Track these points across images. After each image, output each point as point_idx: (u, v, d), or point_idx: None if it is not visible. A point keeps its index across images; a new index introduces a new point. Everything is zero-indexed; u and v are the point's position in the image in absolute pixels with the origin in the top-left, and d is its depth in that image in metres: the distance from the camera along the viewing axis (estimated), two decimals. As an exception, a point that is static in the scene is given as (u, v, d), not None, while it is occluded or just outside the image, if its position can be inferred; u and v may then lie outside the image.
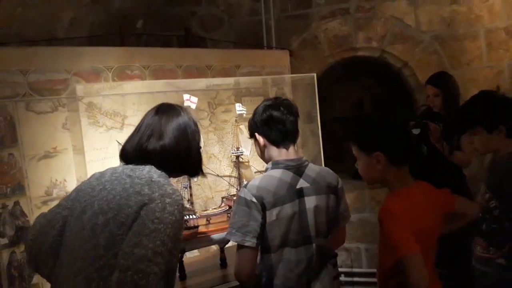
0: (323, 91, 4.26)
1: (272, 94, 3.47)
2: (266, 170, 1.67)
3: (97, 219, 1.20)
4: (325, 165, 4.67)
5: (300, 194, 1.60)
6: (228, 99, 3.15)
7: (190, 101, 2.56)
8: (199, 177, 1.80)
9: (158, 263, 1.12)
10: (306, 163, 1.68)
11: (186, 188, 2.06)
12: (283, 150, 1.66)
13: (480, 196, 1.97)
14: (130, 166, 1.33)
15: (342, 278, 3.49)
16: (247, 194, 1.53)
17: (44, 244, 1.27)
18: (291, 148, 1.67)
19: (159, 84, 2.78)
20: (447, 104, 2.88)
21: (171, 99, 2.68)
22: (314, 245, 1.62)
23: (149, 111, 1.45)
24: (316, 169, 1.69)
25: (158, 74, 2.83)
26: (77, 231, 1.23)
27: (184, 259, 2.10)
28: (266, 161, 1.71)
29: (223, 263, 2.17)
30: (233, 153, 2.36)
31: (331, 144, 4.52)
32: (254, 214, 1.51)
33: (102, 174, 1.36)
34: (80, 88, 2.47)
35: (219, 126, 3.08)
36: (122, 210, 1.20)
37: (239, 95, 3.22)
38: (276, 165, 1.63)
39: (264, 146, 1.67)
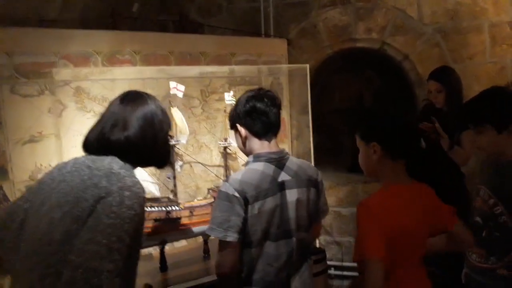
0: (322, 82, 4.19)
1: (267, 84, 3.41)
2: (247, 163, 1.64)
3: (54, 212, 1.15)
4: (321, 158, 4.64)
5: (282, 187, 1.57)
6: (222, 88, 3.09)
7: (177, 89, 2.52)
8: (182, 167, 1.76)
9: (114, 260, 1.07)
10: (287, 156, 1.66)
11: (169, 178, 2.02)
12: (265, 143, 1.63)
13: (480, 201, 1.80)
14: (92, 157, 1.29)
15: (332, 271, 3.46)
16: (229, 189, 1.50)
17: (5, 239, 1.23)
18: (273, 141, 1.65)
19: (151, 71, 2.73)
20: (449, 100, 2.80)
21: (162, 86, 2.67)
22: (294, 239, 1.60)
23: (114, 99, 1.39)
24: (297, 162, 1.68)
25: (149, 60, 2.77)
26: (35, 225, 1.18)
27: (166, 250, 2.07)
28: (246, 154, 1.68)
29: (207, 255, 2.14)
30: (220, 143, 2.31)
31: (329, 137, 4.47)
32: (236, 208, 1.48)
33: (64, 164, 1.30)
34: (67, 72, 2.42)
35: (211, 115, 3.03)
36: (79, 203, 1.15)
37: (233, 84, 3.15)
38: (257, 158, 1.61)
39: (246, 137, 1.64)
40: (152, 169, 2.05)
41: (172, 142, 2.42)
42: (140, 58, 2.72)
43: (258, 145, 1.62)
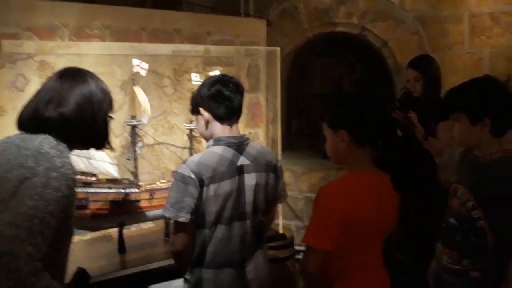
0: (302, 65, 4.14)
1: (244, 66, 3.35)
2: (208, 147, 1.65)
3: None
4: (300, 142, 4.60)
5: (240, 171, 1.60)
6: (196, 67, 3.01)
7: (140, 67, 2.46)
8: (142, 149, 1.71)
9: (36, 243, 1.04)
10: (248, 141, 1.68)
11: (129, 159, 1.97)
12: (227, 127, 1.65)
13: (457, 202, 1.68)
14: (24, 135, 1.23)
15: (301, 256, 3.47)
16: (185, 170, 1.52)
17: None
18: (235, 126, 1.67)
19: (121, 47, 2.63)
20: (427, 89, 2.78)
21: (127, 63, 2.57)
22: (248, 222, 1.62)
23: (52, 75, 1.32)
24: (257, 147, 1.70)
25: (120, 35, 2.67)
26: None
27: (129, 232, 2.04)
28: (206, 138, 1.69)
29: (168, 238, 2.11)
30: (186, 126, 2.26)
31: (308, 121, 4.44)
32: (190, 190, 1.51)
33: None
34: (31, 44, 2.32)
35: (184, 95, 2.95)
36: (2, 184, 1.10)
37: (208, 64, 3.08)
38: (217, 141, 1.62)
39: (208, 122, 1.64)
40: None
41: (134, 122, 2.37)
42: (110, 33, 2.63)
43: (220, 130, 1.64)
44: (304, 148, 4.29)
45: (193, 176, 1.51)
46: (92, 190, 2.03)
